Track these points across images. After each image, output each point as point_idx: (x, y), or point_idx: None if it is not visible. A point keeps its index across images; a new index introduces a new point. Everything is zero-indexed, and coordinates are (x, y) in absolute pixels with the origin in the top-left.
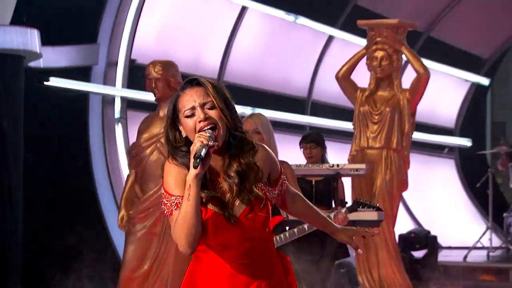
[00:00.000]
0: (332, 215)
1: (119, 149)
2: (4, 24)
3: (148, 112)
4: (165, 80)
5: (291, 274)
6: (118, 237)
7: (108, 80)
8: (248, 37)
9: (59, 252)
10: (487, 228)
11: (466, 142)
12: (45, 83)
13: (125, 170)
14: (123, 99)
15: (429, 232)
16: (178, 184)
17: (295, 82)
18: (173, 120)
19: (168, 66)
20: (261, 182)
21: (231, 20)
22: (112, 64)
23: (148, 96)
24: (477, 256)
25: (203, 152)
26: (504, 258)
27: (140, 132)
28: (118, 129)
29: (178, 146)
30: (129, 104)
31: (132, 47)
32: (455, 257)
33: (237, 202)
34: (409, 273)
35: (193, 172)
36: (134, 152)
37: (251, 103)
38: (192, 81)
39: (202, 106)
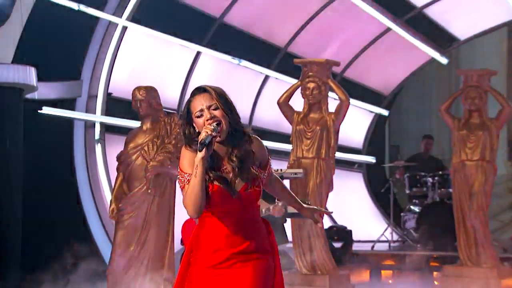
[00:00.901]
0: (271, 206)
1: (99, 164)
2: (7, 63)
3: (122, 135)
4: (147, 101)
5: (272, 235)
6: (96, 230)
7: (89, 109)
8: (201, 76)
9: (53, 241)
10: (388, 225)
11: (370, 159)
12: (39, 111)
13: (103, 180)
14: (101, 124)
15: (345, 227)
16: (190, 165)
17: (240, 112)
18: (188, 119)
19: (150, 90)
20: (255, 165)
21: (188, 63)
22: (92, 96)
23: (122, 122)
24: (381, 246)
25: (207, 140)
26: (401, 247)
27: (127, 143)
28: (98, 148)
29: (192, 138)
30: (107, 128)
31: (109, 83)
32: (365, 247)
33: (238, 180)
34: None
35: (199, 155)
36: (122, 158)
37: None
38: (200, 89)
39: (208, 108)
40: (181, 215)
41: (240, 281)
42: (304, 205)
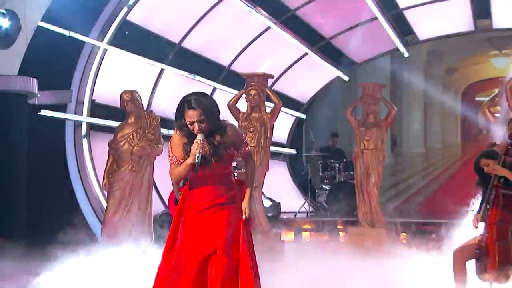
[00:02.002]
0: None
1: (85, 154)
2: (14, 75)
3: (103, 132)
4: (132, 101)
5: (244, 191)
6: (88, 213)
7: (77, 111)
8: (164, 88)
9: (49, 212)
10: (306, 200)
11: (292, 151)
12: (39, 113)
13: (88, 165)
14: (87, 123)
15: (275, 200)
16: (177, 147)
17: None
18: (181, 115)
19: (134, 93)
20: (230, 147)
21: (154, 77)
22: (80, 102)
23: (103, 122)
24: (301, 214)
25: (199, 160)
26: (315, 215)
27: (116, 133)
28: (84, 142)
29: (182, 127)
30: (91, 127)
31: (93, 92)
32: (290, 215)
33: (213, 158)
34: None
35: (189, 162)
36: (113, 145)
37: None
38: (191, 103)
39: (199, 121)
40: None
41: (219, 220)
42: (245, 198)
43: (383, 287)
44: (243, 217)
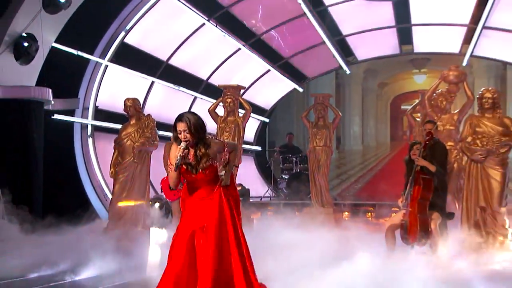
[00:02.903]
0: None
1: (90, 150)
2: (32, 86)
3: (105, 132)
4: (134, 107)
5: (231, 188)
6: (93, 198)
7: (84, 115)
8: (154, 97)
9: (61, 197)
10: (269, 187)
11: (258, 148)
12: (53, 117)
13: (93, 160)
14: (92, 125)
15: (245, 187)
16: (172, 155)
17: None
18: (174, 129)
19: (135, 99)
20: (212, 159)
21: (146, 88)
22: (85, 108)
23: (105, 124)
24: (266, 198)
25: (178, 162)
26: (277, 199)
27: (120, 132)
28: (89, 140)
29: (177, 138)
30: (95, 128)
31: (96, 100)
32: (256, 199)
33: (199, 167)
34: None
35: (173, 162)
36: (118, 141)
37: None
38: (180, 118)
39: (184, 131)
40: (153, 178)
41: (207, 206)
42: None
43: (332, 250)
44: (220, 176)
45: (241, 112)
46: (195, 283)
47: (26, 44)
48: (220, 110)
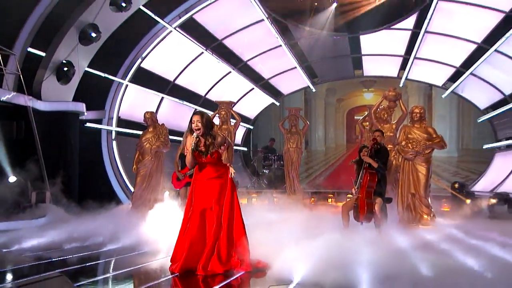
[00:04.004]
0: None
1: (114, 151)
2: (70, 101)
3: (127, 137)
4: (151, 118)
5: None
6: (117, 188)
7: (109, 124)
8: (164, 109)
9: (92, 189)
10: (254, 179)
11: (244, 148)
12: (85, 125)
13: (117, 159)
14: (115, 131)
15: (235, 179)
16: (188, 143)
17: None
18: (190, 123)
19: (152, 113)
20: (218, 146)
21: (157, 102)
22: (110, 118)
23: (126, 130)
24: (250, 188)
25: (194, 148)
26: (259, 188)
27: (141, 137)
28: (114, 144)
29: (192, 130)
30: (118, 133)
31: (119, 111)
32: (243, 188)
33: (207, 152)
34: None
35: (189, 149)
36: (139, 145)
37: (174, 134)
38: (197, 112)
39: (197, 121)
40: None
41: (213, 186)
42: (230, 168)
43: (302, 225)
44: (230, 174)
45: (233, 121)
46: (203, 248)
47: (65, 69)
48: (216, 120)
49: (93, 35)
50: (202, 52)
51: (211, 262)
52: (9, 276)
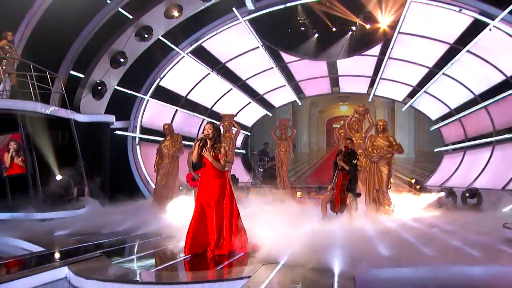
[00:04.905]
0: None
1: (138, 155)
2: (102, 113)
3: (148, 142)
4: (169, 129)
5: (227, 177)
6: (141, 185)
7: (133, 131)
8: (178, 119)
9: (120, 185)
10: (251, 176)
11: (243, 151)
12: (114, 132)
13: (140, 162)
14: (138, 138)
15: (235, 176)
16: (195, 145)
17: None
18: (202, 131)
19: (170, 124)
20: (219, 149)
21: (172, 114)
22: (134, 126)
23: (147, 137)
24: (248, 184)
25: (200, 141)
26: (256, 184)
27: (161, 144)
28: (137, 148)
29: (200, 139)
30: (140, 139)
31: (141, 120)
32: (242, 184)
33: (211, 153)
34: None
35: (196, 148)
36: (159, 150)
37: (186, 140)
38: (209, 122)
39: (210, 129)
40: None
41: (214, 185)
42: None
43: (291, 214)
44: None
45: (234, 129)
46: (206, 235)
47: (99, 87)
48: (221, 129)
49: (122, 60)
50: (209, 73)
51: (217, 246)
52: (57, 256)
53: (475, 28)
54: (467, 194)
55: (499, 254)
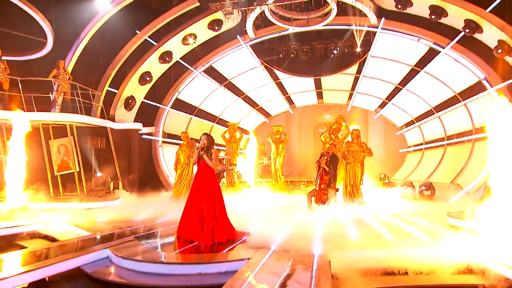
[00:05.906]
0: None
1: (160, 155)
2: (131, 122)
3: (169, 144)
4: (186, 136)
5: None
6: (163, 180)
7: (157, 136)
8: (193, 126)
9: (146, 180)
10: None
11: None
12: (142, 137)
13: (163, 160)
14: (161, 141)
15: (239, 172)
16: (196, 153)
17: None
18: (198, 141)
19: (187, 132)
20: (210, 155)
21: (187, 121)
22: (158, 131)
23: (168, 140)
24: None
25: (197, 152)
26: (257, 177)
27: (179, 147)
28: (160, 149)
29: (198, 146)
30: (163, 142)
31: (164, 127)
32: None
33: (203, 157)
34: None
35: (196, 153)
36: (177, 153)
37: None
38: (204, 133)
39: (204, 139)
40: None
41: (205, 181)
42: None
43: (285, 204)
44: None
45: (238, 135)
46: (197, 225)
47: (130, 101)
48: (226, 135)
49: (148, 78)
50: (217, 88)
51: (215, 235)
52: (98, 240)
53: (430, 54)
54: (423, 187)
55: (443, 238)
